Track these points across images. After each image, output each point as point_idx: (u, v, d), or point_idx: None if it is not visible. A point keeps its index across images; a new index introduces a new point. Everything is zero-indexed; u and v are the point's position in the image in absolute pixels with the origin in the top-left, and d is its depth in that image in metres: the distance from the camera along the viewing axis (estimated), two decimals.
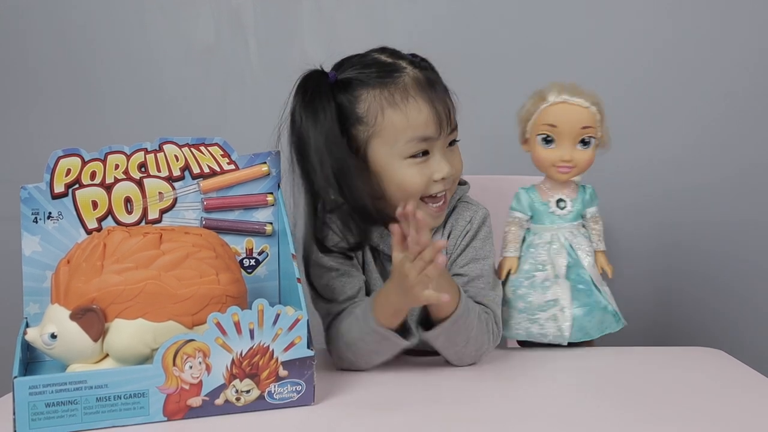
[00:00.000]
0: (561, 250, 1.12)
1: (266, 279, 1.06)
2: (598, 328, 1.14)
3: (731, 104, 1.64)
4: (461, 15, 1.62)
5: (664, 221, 1.68)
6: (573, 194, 1.14)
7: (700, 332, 1.68)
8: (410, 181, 1.03)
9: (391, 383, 0.99)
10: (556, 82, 1.11)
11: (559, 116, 1.09)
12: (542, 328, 1.12)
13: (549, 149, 1.11)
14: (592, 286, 1.12)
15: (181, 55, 1.64)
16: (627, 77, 1.63)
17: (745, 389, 0.97)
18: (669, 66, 1.64)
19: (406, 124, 1.02)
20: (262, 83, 1.64)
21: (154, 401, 0.85)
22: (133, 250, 0.88)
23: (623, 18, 1.63)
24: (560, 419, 0.87)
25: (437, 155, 1.04)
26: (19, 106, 1.65)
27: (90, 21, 1.63)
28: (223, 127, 1.58)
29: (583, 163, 1.11)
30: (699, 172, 1.66)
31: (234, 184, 1.03)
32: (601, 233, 1.15)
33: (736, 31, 1.63)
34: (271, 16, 1.62)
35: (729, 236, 1.67)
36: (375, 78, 1.04)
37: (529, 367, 1.05)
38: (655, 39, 1.64)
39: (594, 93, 1.10)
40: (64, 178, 0.97)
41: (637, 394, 0.94)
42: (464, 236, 1.10)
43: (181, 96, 1.64)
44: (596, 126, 1.10)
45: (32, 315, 0.95)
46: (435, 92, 1.04)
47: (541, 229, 1.14)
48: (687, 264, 1.69)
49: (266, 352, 0.89)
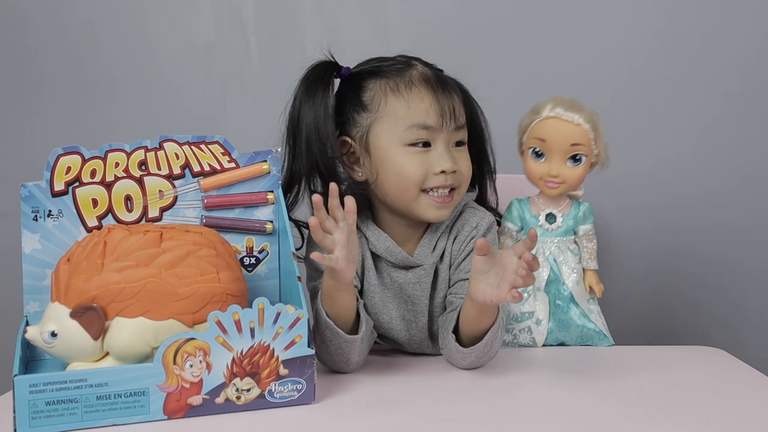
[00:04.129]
0: (544, 263, 1.13)
1: (266, 277, 1.06)
2: (578, 343, 1.15)
3: (730, 108, 1.64)
4: (461, 14, 1.63)
5: (664, 222, 1.68)
6: (566, 210, 1.14)
7: (700, 332, 1.69)
8: (409, 170, 1.03)
9: (392, 382, 0.99)
10: (555, 96, 1.11)
11: (549, 131, 1.10)
12: (515, 338, 1.13)
13: (538, 163, 1.12)
14: (571, 303, 1.13)
15: (182, 53, 1.64)
16: (626, 79, 1.63)
17: (746, 388, 0.97)
18: (668, 69, 1.64)
19: (407, 111, 1.03)
20: (262, 81, 1.64)
21: (155, 400, 0.85)
22: (133, 248, 0.88)
23: (624, 20, 1.63)
24: (560, 418, 0.87)
25: (439, 148, 1.04)
26: (19, 104, 1.65)
27: (91, 19, 1.63)
28: (223, 125, 1.58)
29: (571, 180, 1.11)
30: (700, 174, 1.66)
31: (234, 182, 1.03)
32: (593, 252, 1.15)
33: (736, 33, 1.63)
34: (272, 14, 1.62)
35: (729, 237, 1.67)
36: (384, 70, 1.06)
37: (528, 366, 1.05)
38: (655, 42, 1.63)
39: (592, 111, 1.10)
40: (64, 176, 0.96)
41: (638, 393, 0.94)
42: (469, 241, 1.10)
43: (181, 94, 1.64)
44: (588, 144, 1.09)
45: (32, 313, 0.95)
46: (441, 87, 1.05)
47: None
48: (687, 264, 1.69)
49: (267, 351, 0.89)
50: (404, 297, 1.09)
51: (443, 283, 1.10)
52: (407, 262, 1.08)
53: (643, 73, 1.64)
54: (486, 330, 0.98)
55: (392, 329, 1.09)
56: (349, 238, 0.90)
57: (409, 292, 1.09)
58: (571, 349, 1.13)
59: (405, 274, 1.09)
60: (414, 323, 1.10)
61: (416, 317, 1.09)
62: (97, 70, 1.64)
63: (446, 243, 1.10)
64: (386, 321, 1.09)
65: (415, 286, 1.09)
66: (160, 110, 1.63)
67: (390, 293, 1.09)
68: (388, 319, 1.09)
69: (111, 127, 1.63)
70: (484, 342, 0.98)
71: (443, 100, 1.04)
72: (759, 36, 1.63)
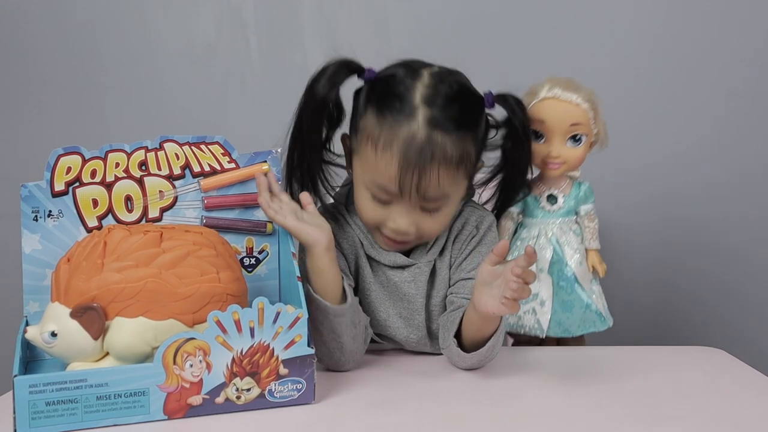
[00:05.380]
0: (547, 244, 1.13)
1: (266, 278, 1.06)
2: (580, 326, 1.14)
3: (732, 100, 1.64)
4: (461, 14, 1.63)
5: (664, 219, 1.68)
6: (567, 190, 1.14)
7: (700, 332, 1.69)
8: (365, 212, 1.05)
9: (392, 382, 0.99)
10: (551, 77, 1.11)
11: (548, 112, 1.09)
12: (520, 319, 1.13)
13: (539, 144, 1.11)
14: (574, 284, 1.13)
15: (182, 53, 1.64)
16: (628, 74, 1.63)
17: (745, 389, 0.97)
18: (670, 63, 1.64)
19: (374, 167, 1.00)
20: (262, 82, 1.64)
21: (155, 400, 0.85)
22: (133, 248, 0.88)
23: (625, 16, 1.64)
24: (560, 419, 0.87)
25: (398, 208, 1.02)
26: (19, 104, 1.65)
27: (91, 19, 1.63)
28: (223, 126, 1.57)
29: (573, 160, 1.11)
30: (700, 170, 1.66)
31: (234, 183, 1.03)
32: (595, 231, 1.14)
33: (737, 29, 1.63)
34: (272, 15, 1.62)
35: (730, 235, 1.67)
36: (386, 109, 1.00)
37: (528, 366, 1.05)
38: (657, 36, 1.64)
39: (589, 90, 1.10)
40: (64, 176, 0.96)
41: (637, 393, 0.94)
42: (470, 240, 1.11)
43: (181, 94, 1.64)
44: (587, 123, 1.09)
45: (32, 313, 0.95)
46: (419, 161, 0.97)
47: (530, 222, 1.15)
48: (687, 263, 1.69)
49: (266, 351, 0.89)
50: (400, 295, 1.09)
51: (442, 281, 1.10)
52: (401, 262, 1.08)
53: (644, 67, 1.64)
54: (488, 336, 0.99)
55: (389, 327, 1.09)
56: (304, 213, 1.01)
57: (405, 290, 1.09)
58: (570, 350, 1.14)
59: (401, 273, 1.09)
60: (411, 321, 1.10)
61: (413, 315, 1.09)
62: (98, 70, 1.64)
63: (445, 241, 1.10)
64: (383, 319, 1.09)
65: (411, 285, 1.09)
66: (160, 110, 1.63)
67: (386, 291, 1.09)
68: (385, 317, 1.09)
69: (111, 127, 1.63)
70: (486, 348, 0.99)
71: (410, 175, 0.97)
72: (760, 32, 1.63)
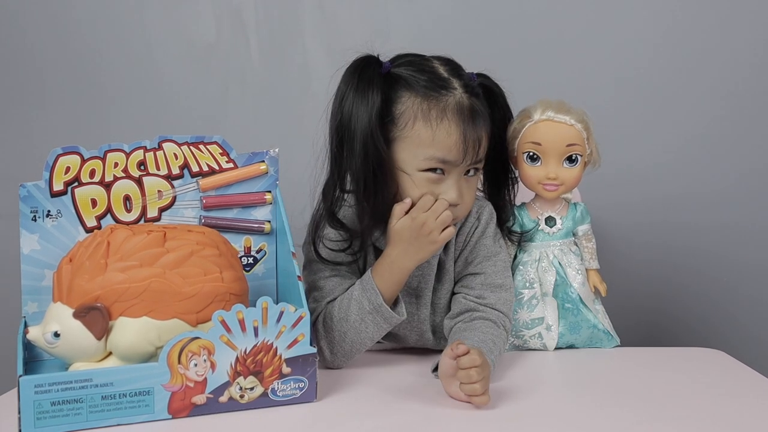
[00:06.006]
0: (549, 267, 1.14)
1: (264, 277, 1.07)
2: (587, 345, 1.15)
3: (728, 104, 1.63)
4: (462, 14, 1.62)
5: (664, 221, 1.66)
6: (563, 212, 1.15)
7: (700, 332, 1.68)
8: (414, 194, 1.02)
9: (393, 381, 1.00)
10: (542, 100, 1.11)
11: (543, 134, 1.10)
12: (526, 343, 1.14)
13: (535, 167, 1.12)
14: (580, 305, 1.14)
15: (182, 54, 1.63)
16: (623, 76, 1.62)
17: (745, 389, 0.98)
18: (665, 65, 1.63)
19: (431, 141, 1.00)
20: (262, 82, 1.63)
21: (159, 399, 0.86)
22: (137, 248, 0.88)
23: (624, 18, 1.62)
24: (560, 419, 0.88)
25: (450, 180, 1.03)
26: (18, 103, 1.62)
27: (90, 19, 1.61)
28: (223, 125, 1.57)
29: (570, 180, 1.12)
30: (700, 172, 1.65)
31: (233, 183, 1.04)
32: (594, 251, 1.16)
33: (737, 31, 1.62)
34: (272, 15, 1.61)
35: (730, 236, 1.67)
36: (422, 86, 1.01)
37: (528, 367, 1.06)
38: (657, 38, 1.63)
39: (581, 111, 1.11)
40: (63, 176, 0.96)
41: (637, 394, 0.95)
42: (473, 232, 1.11)
43: (180, 94, 1.63)
44: (582, 144, 1.10)
45: (31, 314, 0.95)
46: (472, 121, 1.01)
47: (530, 246, 1.15)
48: (687, 265, 1.68)
49: (270, 350, 0.89)
50: (408, 290, 1.10)
51: (448, 275, 1.11)
52: None
53: (639, 69, 1.63)
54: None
55: None
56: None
57: (413, 284, 1.10)
58: (571, 351, 1.14)
59: None
60: (416, 315, 1.10)
61: (419, 309, 1.10)
62: (97, 70, 1.62)
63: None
64: None
65: (419, 279, 1.10)
66: (160, 110, 1.62)
67: None
68: None
69: (110, 127, 1.61)
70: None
71: (470, 137, 1.00)
72: (760, 35, 1.63)
